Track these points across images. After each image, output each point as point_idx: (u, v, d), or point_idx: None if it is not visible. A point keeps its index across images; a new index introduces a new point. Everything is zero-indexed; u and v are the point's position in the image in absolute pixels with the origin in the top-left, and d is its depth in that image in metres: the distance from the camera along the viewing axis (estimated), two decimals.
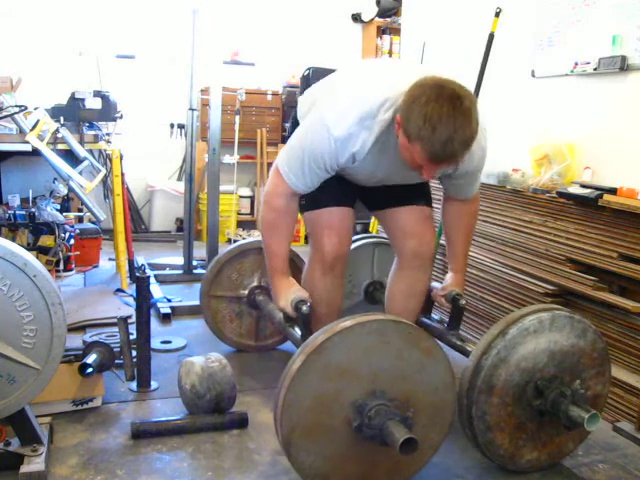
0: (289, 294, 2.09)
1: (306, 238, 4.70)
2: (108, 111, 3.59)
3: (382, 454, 1.71)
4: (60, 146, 3.25)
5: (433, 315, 2.53)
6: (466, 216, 2.25)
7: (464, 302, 2.22)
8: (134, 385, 2.36)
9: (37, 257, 2.89)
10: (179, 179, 5.41)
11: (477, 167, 2.06)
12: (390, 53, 5.83)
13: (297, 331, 2.18)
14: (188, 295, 3.55)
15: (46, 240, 3.59)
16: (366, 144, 1.85)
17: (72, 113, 3.41)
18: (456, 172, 2.00)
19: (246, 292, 2.70)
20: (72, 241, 3.86)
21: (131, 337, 2.31)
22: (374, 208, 2.33)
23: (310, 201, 2.11)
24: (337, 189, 2.10)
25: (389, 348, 1.67)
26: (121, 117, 3.75)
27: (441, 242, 3.00)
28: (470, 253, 3.08)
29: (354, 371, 1.64)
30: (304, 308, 2.04)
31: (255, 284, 2.70)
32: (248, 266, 2.72)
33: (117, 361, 2.26)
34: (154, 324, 2.79)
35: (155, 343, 2.69)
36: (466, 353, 2.11)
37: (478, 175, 2.15)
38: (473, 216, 2.30)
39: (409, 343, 1.69)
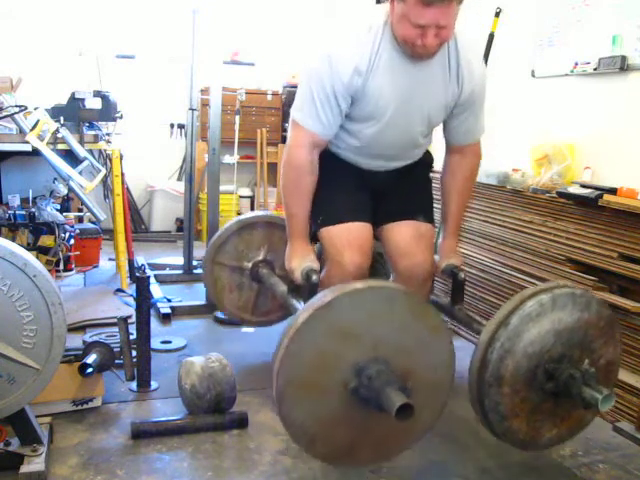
0: (304, 261, 2.06)
1: None
2: (108, 111, 3.59)
3: (373, 424, 1.67)
4: (60, 146, 3.25)
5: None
6: (464, 169, 2.19)
7: (463, 276, 2.17)
8: (134, 385, 2.36)
9: (37, 257, 2.88)
10: (179, 179, 5.41)
11: (479, 93, 2.05)
12: None
13: (299, 304, 2.14)
14: (188, 295, 3.55)
15: (46, 240, 3.59)
16: (366, 55, 1.88)
17: (72, 113, 3.41)
18: (460, 97, 2.00)
19: (250, 265, 2.67)
20: (72, 241, 3.86)
21: (131, 337, 2.31)
22: (377, 224, 2.27)
23: (327, 216, 2.09)
24: (353, 202, 2.11)
25: (396, 318, 1.64)
26: (121, 117, 3.75)
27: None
28: (470, 253, 3.09)
29: (358, 335, 1.61)
30: (314, 277, 2.01)
31: (260, 258, 2.67)
32: (256, 239, 2.68)
33: (117, 361, 2.26)
34: (154, 324, 2.79)
35: (155, 343, 2.69)
36: (472, 327, 2.09)
37: (480, 110, 2.12)
38: (471, 172, 2.22)
39: (416, 317, 1.66)
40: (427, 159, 2.30)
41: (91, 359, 2.13)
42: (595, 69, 2.73)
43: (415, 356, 1.68)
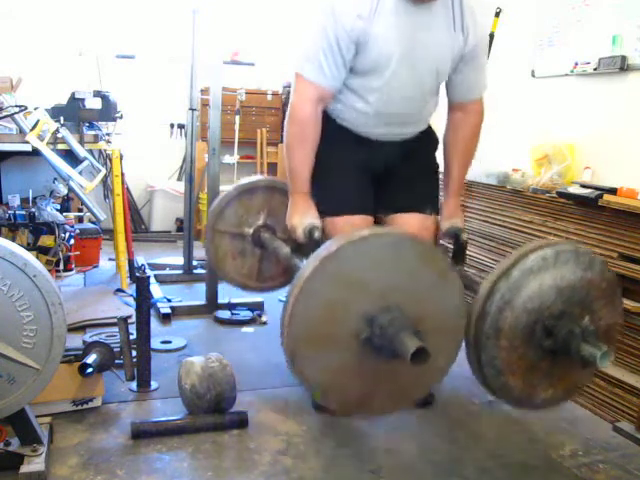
0: (305, 217, 2.04)
1: None
2: (108, 111, 3.59)
3: (387, 373, 1.65)
4: (60, 146, 3.25)
5: None
6: (466, 128, 2.18)
7: (466, 237, 2.16)
8: (134, 385, 2.36)
9: (37, 257, 2.88)
10: (179, 179, 5.41)
11: (482, 47, 2.06)
12: None
13: (304, 263, 2.12)
14: (188, 295, 3.55)
15: (46, 240, 3.59)
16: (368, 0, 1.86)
17: (72, 113, 3.41)
18: (466, 47, 2.00)
19: (251, 230, 2.64)
20: (72, 241, 3.86)
21: (131, 337, 2.31)
22: (381, 210, 2.27)
23: (329, 206, 2.08)
24: (354, 190, 2.09)
25: (403, 265, 1.62)
26: (121, 117, 3.75)
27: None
28: (470, 253, 3.09)
29: (367, 283, 1.59)
30: (317, 234, 1.98)
31: (261, 223, 2.63)
32: (256, 204, 2.65)
33: (117, 361, 2.26)
34: (154, 324, 2.79)
35: (155, 343, 2.69)
36: (473, 288, 2.05)
37: (483, 65, 2.12)
38: (473, 130, 2.20)
39: (424, 262, 1.64)
40: (433, 137, 2.27)
41: (91, 359, 2.13)
42: (595, 69, 2.73)
43: (426, 302, 1.65)
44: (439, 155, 2.31)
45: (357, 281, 1.58)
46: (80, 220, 4.44)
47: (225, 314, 3.24)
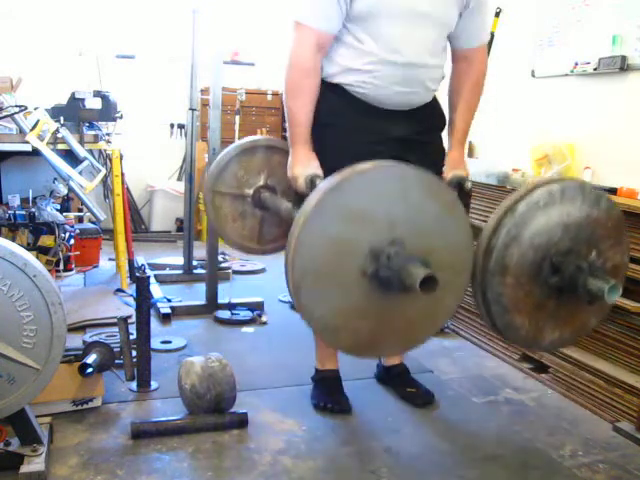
0: (307, 168, 2.01)
1: None
2: (108, 111, 3.59)
3: (395, 311, 1.63)
4: (60, 146, 3.25)
5: None
6: (471, 77, 2.15)
7: (470, 185, 2.13)
8: (134, 385, 2.36)
9: (37, 257, 2.88)
10: (179, 179, 5.41)
11: None
12: None
13: None
14: (188, 295, 3.56)
15: (46, 240, 3.59)
16: None
17: (72, 113, 3.41)
18: None
19: (251, 191, 2.57)
20: (72, 241, 3.86)
21: (131, 337, 2.31)
22: None
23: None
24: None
25: (410, 197, 1.58)
26: (121, 117, 3.75)
27: None
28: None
29: (372, 216, 1.56)
30: (318, 181, 1.94)
31: (261, 183, 2.58)
32: (256, 164, 2.59)
33: (117, 361, 2.26)
34: (154, 324, 2.79)
35: (155, 343, 2.69)
36: (478, 234, 2.06)
37: (486, 11, 2.11)
38: (478, 79, 2.17)
39: (430, 194, 1.61)
40: (443, 117, 2.24)
41: (91, 359, 2.13)
42: (595, 69, 2.73)
43: (433, 236, 1.62)
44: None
45: (362, 214, 1.54)
46: (80, 220, 4.44)
47: (225, 314, 3.24)
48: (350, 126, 2.07)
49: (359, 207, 1.55)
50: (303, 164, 2.02)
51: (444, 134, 2.24)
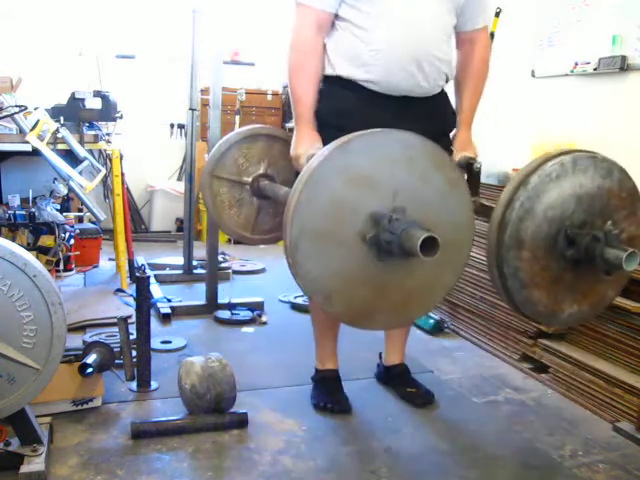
0: (310, 148, 1.99)
1: None
2: (108, 111, 3.59)
3: (392, 283, 1.61)
4: (60, 146, 3.25)
5: None
6: (476, 58, 2.15)
7: (479, 165, 2.11)
8: (134, 385, 2.36)
9: (37, 257, 2.88)
10: (179, 179, 5.41)
11: None
12: None
13: None
14: (188, 295, 3.56)
15: (46, 240, 3.60)
16: None
17: (72, 113, 3.41)
18: None
19: (250, 179, 2.56)
20: (72, 241, 3.86)
21: (131, 337, 2.31)
22: None
23: None
24: None
25: (414, 166, 1.58)
26: (121, 117, 3.75)
27: None
28: (470, 253, 3.08)
29: (376, 181, 1.55)
30: None
31: (261, 172, 2.56)
32: (256, 152, 2.58)
33: (117, 361, 2.26)
34: (154, 324, 2.79)
35: (155, 343, 2.69)
36: (489, 216, 1.96)
37: None
38: (483, 60, 2.18)
39: (435, 166, 1.60)
40: (453, 116, 2.23)
41: (91, 359, 2.13)
42: (595, 69, 2.73)
43: (435, 210, 1.61)
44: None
45: (367, 178, 1.53)
46: (80, 220, 4.45)
47: (225, 314, 3.24)
48: (359, 128, 2.05)
49: (364, 170, 1.54)
50: (306, 143, 2.02)
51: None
